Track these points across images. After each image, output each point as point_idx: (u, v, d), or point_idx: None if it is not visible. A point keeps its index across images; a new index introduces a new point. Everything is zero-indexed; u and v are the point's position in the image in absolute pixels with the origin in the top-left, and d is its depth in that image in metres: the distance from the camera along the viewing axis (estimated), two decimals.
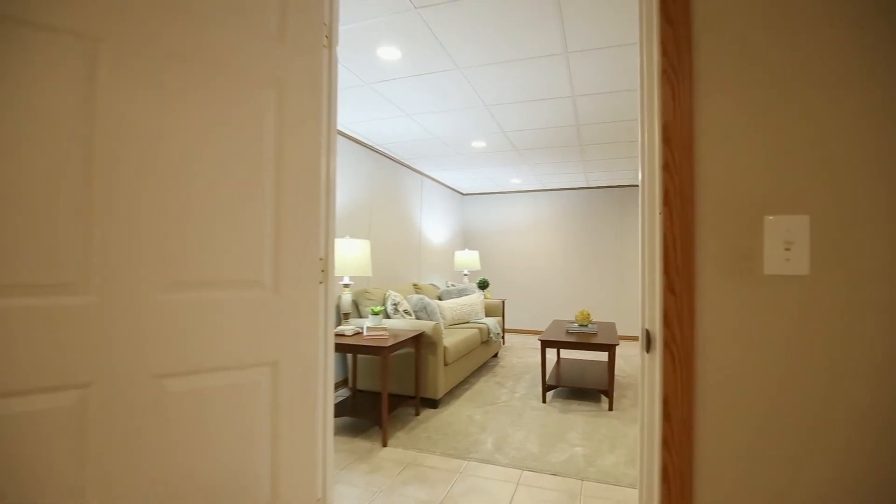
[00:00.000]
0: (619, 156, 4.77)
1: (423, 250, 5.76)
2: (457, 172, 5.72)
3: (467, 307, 4.68)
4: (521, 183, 6.42)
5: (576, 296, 6.74)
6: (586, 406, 3.52)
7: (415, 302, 3.75)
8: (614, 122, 3.63)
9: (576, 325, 4.10)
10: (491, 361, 5.03)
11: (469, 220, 7.35)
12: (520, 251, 7.04)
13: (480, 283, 6.09)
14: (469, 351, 4.02)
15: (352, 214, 4.14)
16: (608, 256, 6.60)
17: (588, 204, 6.71)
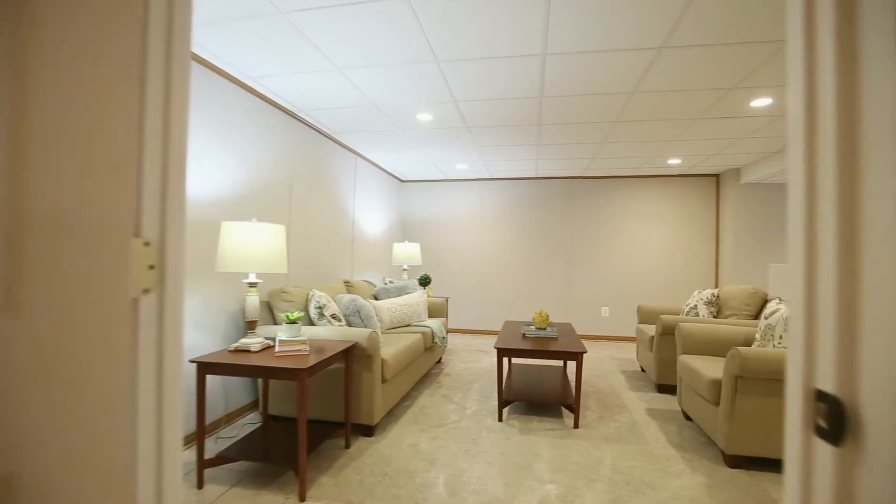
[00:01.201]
0: (574, 140, 4.35)
1: (356, 242, 5.02)
2: (397, 153, 5.03)
3: (408, 308, 4.04)
4: (466, 170, 5.87)
5: (525, 293, 6.34)
6: (549, 423, 3.04)
7: (346, 304, 3.05)
8: (582, 96, 3.16)
9: (532, 327, 3.62)
10: (435, 369, 4.44)
11: (409, 209, 6.69)
12: (464, 244, 6.51)
13: (422, 279, 5.47)
14: (411, 361, 3.39)
15: (261, 193, 3.33)
16: (558, 251, 6.26)
17: (537, 195, 6.32)
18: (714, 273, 5.88)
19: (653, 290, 6.02)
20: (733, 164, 5.26)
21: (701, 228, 5.92)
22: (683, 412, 3.18)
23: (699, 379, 2.67)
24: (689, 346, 3.12)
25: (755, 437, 2.37)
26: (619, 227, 6.10)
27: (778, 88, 2.92)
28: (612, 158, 5.06)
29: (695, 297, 4.11)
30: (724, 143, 4.26)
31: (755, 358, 2.29)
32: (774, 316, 2.68)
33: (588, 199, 6.17)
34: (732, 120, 3.57)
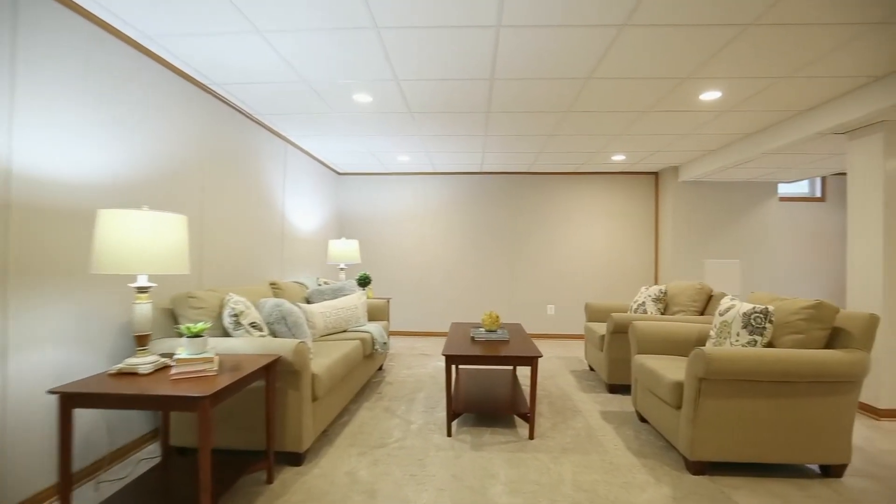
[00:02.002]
0: (523, 132, 4.15)
1: (287, 239, 4.51)
2: (333, 142, 4.58)
3: (345, 311, 3.63)
4: (409, 162, 5.52)
5: (471, 292, 6.10)
6: (502, 435, 2.78)
7: (269, 310, 2.60)
8: (536, 81, 2.93)
9: (482, 330, 3.35)
10: (376, 377, 4.06)
11: (347, 204, 6.22)
12: (407, 242, 6.16)
13: (361, 279, 5.05)
14: (349, 372, 3.00)
15: (162, 178, 2.80)
16: (504, 248, 6.08)
17: (483, 191, 6.10)
18: (654, 269, 5.98)
19: (597, 288, 6.01)
20: (672, 163, 5.34)
21: (642, 226, 6.00)
22: (638, 413, 3.06)
23: (659, 381, 2.52)
24: (644, 345, 3.00)
25: (719, 442, 2.25)
26: (563, 224, 6.04)
27: (728, 81, 2.85)
28: (558, 153, 4.93)
29: (642, 293, 4.06)
30: (669, 139, 4.26)
31: (720, 358, 2.16)
32: (730, 313, 2.59)
33: (533, 196, 6.06)
34: (681, 114, 3.52)
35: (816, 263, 5.98)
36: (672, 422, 2.45)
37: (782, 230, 6.00)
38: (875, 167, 3.19)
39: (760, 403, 2.22)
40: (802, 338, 2.34)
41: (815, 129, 3.35)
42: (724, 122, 3.70)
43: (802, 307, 2.38)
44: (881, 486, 2.22)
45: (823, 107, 3.26)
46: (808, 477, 2.30)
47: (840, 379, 2.19)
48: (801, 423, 2.22)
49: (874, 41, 2.33)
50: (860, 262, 3.28)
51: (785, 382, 2.20)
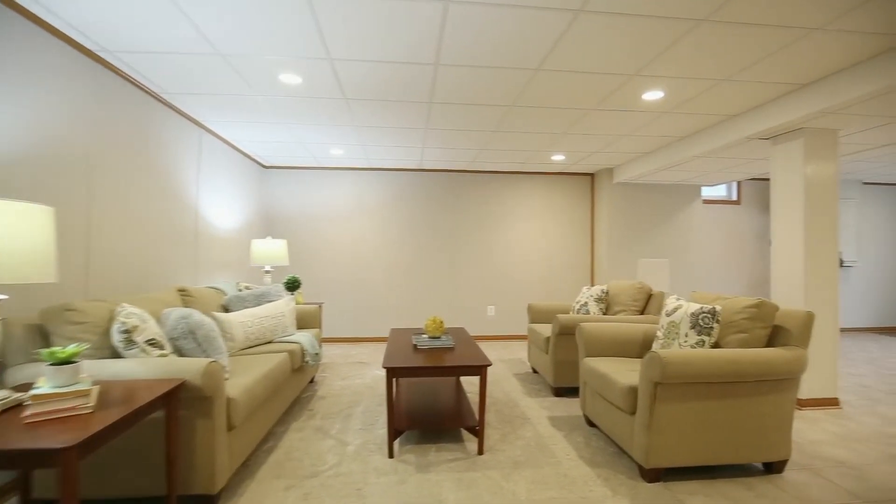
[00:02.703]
0: (465, 126, 3.97)
1: (201, 239, 3.97)
2: (258, 130, 4.10)
3: (270, 320, 3.22)
4: (343, 156, 5.14)
5: (410, 294, 5.83)
6: (449, 452, 2.55)
7: (173, 323, 2.16)
8: (482, 69, 2.74)
9: (425, 337, 3.11)
10: (307, 391, 3.66)
11: (275, 200, 5.69)
12: (341, 242, 5.76)
13: (289, 282, 4.60)
14: (274, 391, 2.62)
15: (31, 162, 2.26)
16: (444, 249, 5.88)
17: (422, 189, 5.86)
18: (590, 269, 6.08)
19: (536, 288, 6.00)
20: (608, 164, 5.44)
21: (579, 226, 6.08)
22: (587, 418, 2.97)
23: (611, 386, 2.43)
24: (592, 347, 2.92)
25: (674, 447, 2.18)
26: (503, 224, 5.96)
27: (672, 80, 2.85)
28: (500, 151, 4.82)
29: (584, 293, 4.03)
30: (609, 140, 4.28)
31: (676, 362, 2.09)
32: (678, 313, 2.56)
33: (474, 195, 5.92)
34: (623, 114, 3.51)
35: (734, 261, 6.41)
36: (625, 428, 2.36)
37: (705, 230, 6.37)
38: (796, 171, 3.37)
39: (711, 405, 2.18)
40: (746, 337, 2.35)
41: (743, 133, 3.48)
42: (661, 124, 3.76)
43: (745, 306, 2.39)
44: (819, 478, 2.27)
45: (752, 112, 3.39)
46: (752, 475, 2.30)
47: (783, 377, 2.21)
48: (748, 422, 2.22)
49: (808, 47, 2.39)
50: (783, 260, 3.45)
51: (734, 383, 2.18)
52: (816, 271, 3.30)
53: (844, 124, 3.31)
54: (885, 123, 3.33)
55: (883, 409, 3.31)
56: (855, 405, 3.40)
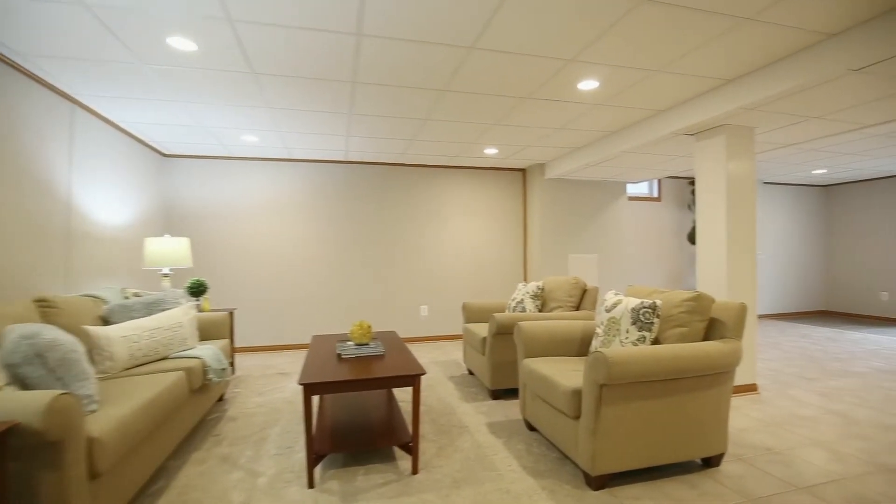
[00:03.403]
0: (394, 113, 3.68)
1: (76, 238, 3.31)
2: (149, 109, 3.50)
3: (163, 332, 2.71)
4: (258, 145, 4.62)
5: (336, 296, 5.40)
6: (379, 474, 2.25)
7: (12, 346, 1.65)
8: (412, 44, 2.46)
9: (350, 344, 2.78)
10: (214, 412, 3.17)
11: (176, 193, 5.00)
12: (256, 241, 5.20)
13: (193, 287, 4.02)
14: (164, 419, 2.16)
15: None
16: (373, 247, 5.52)
17: (348, 183, 5.45)
18: (523, 265, 6.04)
19: (470, 286, 5.85)
20: (540, 159, 5.41)
21: (511, 222, 6.01)
22: (526, 421, 2.81)
23: (554, 389, 2.27)
24: (531, 347, 2.76)
25: (619, 451, 2.06)
26: (435, 220, 5.73)
27: (608, 69, 2.76)
28: (432, 142, 4.57)
29: (520, 290, 3.91)
30: (542, 133, 4.19)
31: (622, 361, 1.96)
32: (618, 309, 2.47)
33: (404, 190, 5.62)
34: (558, 104, 3.41)
35: (655, 255, 6.71)
36: (569, 433, 2.21)
37: (630, 226, 6.60)
38: (719, 167, 3.47)
39: (654, 404, 2.09)
40: (686, 331, 2.30)
41: (671, 128, 3.52)
42: (594, 117, 3.72)
43: (684, 300, 2.34)
44: (752, 468, 2.28)
45: (680, 107, 3.43)
46: (693, 472, 2.26)
47: (721, 370, 2.17)
48: (688, 419, 2.16)
49: (737, 38, 2.39)
50: (707, 252, 3.55)
51: (676, 379, 2.11)
52: (737, 263, 3.41)
53: (760, 122, 3.45)
54: (794, 123, 3.53)
55: (793, 392, 3.51)
56: (770, 389, 3.58)
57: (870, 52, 2.24)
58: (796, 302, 7.45)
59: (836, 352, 4.88)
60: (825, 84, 2.74)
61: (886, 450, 2.50)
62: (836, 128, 3.70)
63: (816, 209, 7.58)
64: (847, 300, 7.33)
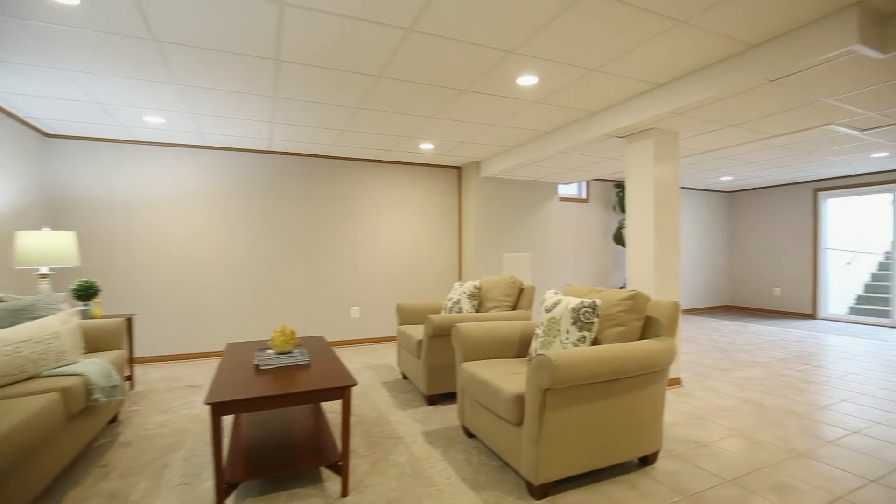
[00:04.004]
0: (323, 99, 3.39)
1: None
2: (17, 75, 2.92)
3: (34, 346, 2.23)
4: (165, 127, 4.08)
5: (259, 298, 4.94)
6: (303, 500, 1.99)
7: None
8: (346, 19, 2.23)
9: (271, 352, 2.48)
10: (103, 438, 2.69)
11: (62, 180, 4.29)
12: (164, 236, 4.61)
13: (80, 289, 3.44)
14: (24, 458, 1.74)
15: None
16: (301, 245, 5.13)
17: (273, 175, 5.02)
18: (458, 265, 5.95)
19: (404, 285, 5.65)
20: (475, 157, 5.34)
21: (447, 220, 5.90)
22: (465, 428, 2.68)
23: (495, 395, 2.15)
24: (470, 350, 2.64)
25: (562, 458, 1.98)
26: (367, 217, 5.47)
27: (547, 64, 2.71)
28: (364, 134, 4.31)
29: (457, 290, 3.79)
30: (478, 129, 4.10)
31: (567, 364, 1.88)
32: (558, 309, 2.41)
33: (335, 185, 5.30)
34: (496, 100, 3.32)
35: (583, 254, 6.94)
36: (511, 441, 2.10)
37: (560, 226, 6.76)
38: (647, 169, 3.58)
39: (596, 406, 2.04)
40: (624, 330, 2.29)
41: (603, 130, 3.58)
42: (531, 115, 3.69)
43: (621, 298, 2.33)
44: (686, 462, 2.32)
45: (613, 109, 3.49)
46: (631, 472, 2.25)
47: (658, 368, 2.18)
48: (627, 419, 2.14)
49: (672, 41, 2.42)
50: (637, 252, 3.65)
51: (616, 380, 2.07)
52: (664, 262, 3.54)
53: (684, 128, 3.61)
54: (713, 130, 3.74)
55: (711, 384, 3.71)
56: (691, 382, 3.76)
57: (785, 63, 2.37)
58: (705, 298, 8.10)
59: (742, 343, 5.31)
60: (745, 93, 2.90)
61: (796, 435, 2.68)
62: (747, 137, 3.98)
63: (721, 213, 8.28)
64: (747, 295, 8.09)
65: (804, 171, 6.15)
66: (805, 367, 4.25)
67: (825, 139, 4.31)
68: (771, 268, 7.70)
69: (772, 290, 7.69)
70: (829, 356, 4.67)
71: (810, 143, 4.51)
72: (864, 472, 2.25)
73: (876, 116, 3.47)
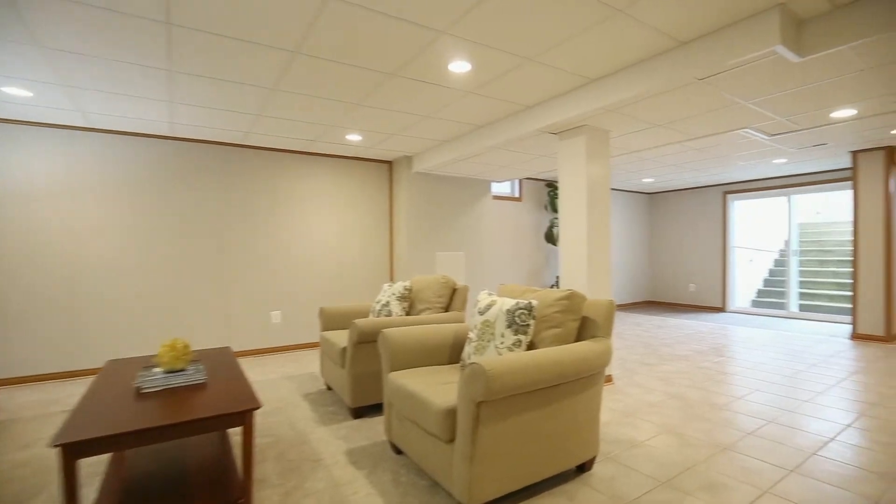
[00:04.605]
0: (232, 77, 2.99)
1: None
2: None
3: None
4: (32, 101, 3.42)
5: (159, 305, 4.34)
6: None
7: None
8: None
9: (158, 371, 2.08)
10: None
11: None
12: (34, 234, 3.88)
13: None
14: None
15: None
16: (211, 244, 4.58)
17: (176, 165, 4.43)
18: (390, 264, 5.68)
19: (332, 287, 5.27)
20: (407, 151, 5.10)
21: (377, 218, 5.60)
22: (392, 444, 2.44)
23: (424, 409, 1.93)
24: (398, 358, 2.40)
25: (498, 475, 1.80)
26: (291, 214, 5.03)
27: (480, 49, 2.54)
28: (284, 121, 3.91)
29: (385, 292, 3.53)
30: (409, 120, 3.87)
31: (502, 374, 1.70)
32: (492, 311, 2.24)
33: (252, 177, 4.80)
34: (428, 87, 3.11)
35: (516, 253, 6.95)
36: (442, 459, 1.89)
37: (494, 224, 6.70)
38: (580, 167, 3.54)
39: (533, 416, 1.89)
40: (560, 332, 2.17)
41: (537, 125, 3.49)
42: (464, 106, 3.52)
43: (557, 299, 2.21)
44: (622, 466, 2.24)
45: (547, 104, 3.41)
46: (568, 481, 2.13)
47: (596, 371, 2.08)
48: (565, 426, 2.02)
49: (610, 32, 2.34)
50: (569, 250, 3.61)
51: (554, 386, 1.94)
52: (596, 259, 3.53)
53: (615, 126, 3.62)
54: (641, 129, 3.79)
55: (639, 379, 3.77)
56: (621, 379, 3.80)
57: (713, 61, 2.38)
58: (628, 294, 8.48)
59: (664, 337, 5.55)
60: (673, 91, 2.92)
61: (719, 428, 2.73)
62: (672, 137, 4.11)
63: (643, 214, 8.72)
64: (666, 291, 8.58)
65: (716, 174, 6.59)
66: (721, 358, 4.49)
67: (737, 144, 4.58)
68: (687, 265, 8.22)
69: (687, 285, 8.21)
70: (740, 347, 4.99)
71: (723, 148, 4.78)
72: (783, 461, 2.31)
73: (784, 122, 3.70)
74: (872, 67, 2.61)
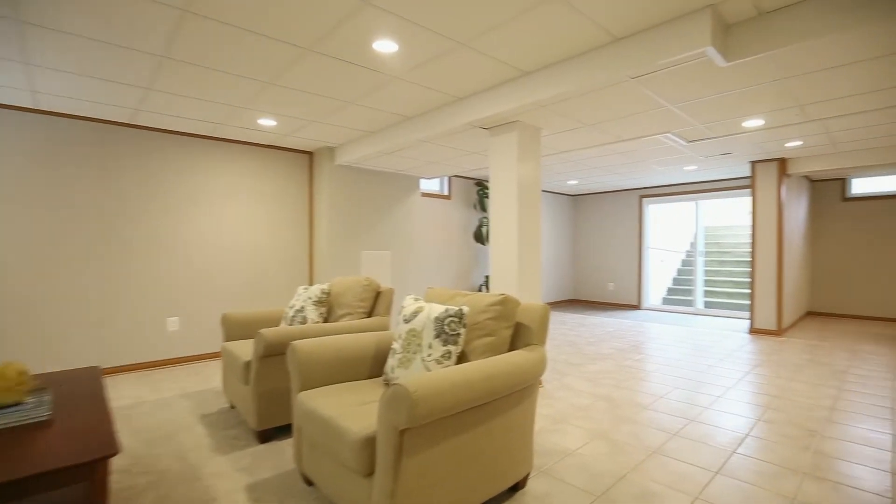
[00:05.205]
0: (108, 37, 2.46)
1: None
2: None
3: None
4: None
5: (12, 313, 3.56)
6: None
7: None
8: None
9: None
10: None
11: None
12: None
13: None
14: None
15: None
16: (93, 241, 3.87)
17: (44, 146, 3.67)
18: (310, 265, 5.23)
19: (242, 290, 4.73)
20: (328, 142, 4.71)
21: (296, 213, 5.13)
22: (303, 475, 2.11)
23: (339, 438, 1.64)
24: (310, 375, 2.07)
25: None
26: (192, 206, 4.42)
27: (408, 27, 2.28)
28: (181, 98, 3.37)
29: (300, 296, 3.15)
30: (330, 105, 3.51)
31: (428, 396, 1.46)
32: (419, 319, 2.00)
33: (144, 162, 4.14)
34: (350, 67, 2.79)
35: (444, 253, 6.78)
36: (360, 495, 1.62)
37: (422, 222, 6.47)
38: (511, 164, 3.41)
39: (463, 439, 1.67)
40: (493, 340, 1.98)
41: (468, 118, 3.31)
42: (391, 94, 3.24)
43: (489, 304, 2.02)
44: (556, 480, 2.11)
45: (479, 96, 3.23)
46: (501, 502, 1.95)
47: (531, 382, 1.91)
48: (498, 445, 1.83)
49: (545, 18, 2.20)
50: (500, 250, 3.47)
51: (487, 403, 1.74)
52: (527, 260, 3.42)
53: (547, 123, 3.54)
54: (572, 129, 3.76)
55: (567, 381, 3.73)
56: (550, 381, 3.74)
57: (646, 60, 2.33)
58: (553, 293, 8.68)
59: (588, 336, 5.67)
60: (605, 90, 2.87)
61: (647, 430, 2.72)
62: (600, 138, 4.13)
63: (567, 215, 8.98)
64: (587, 290, 8.90)
65: (635, 179, 6.89)
66: (640, 356, 4.63)
67: (656, 149, 4.75)
68: (606, 265, 8.59)
69: (607, 284, 8.57)
70: (656, 344, 5.21)
71: (644, 152, 4.95)
72: (708, 463, 2.32)
73: (701, 128, 3.85)
74: (786, 77, 2.73)
